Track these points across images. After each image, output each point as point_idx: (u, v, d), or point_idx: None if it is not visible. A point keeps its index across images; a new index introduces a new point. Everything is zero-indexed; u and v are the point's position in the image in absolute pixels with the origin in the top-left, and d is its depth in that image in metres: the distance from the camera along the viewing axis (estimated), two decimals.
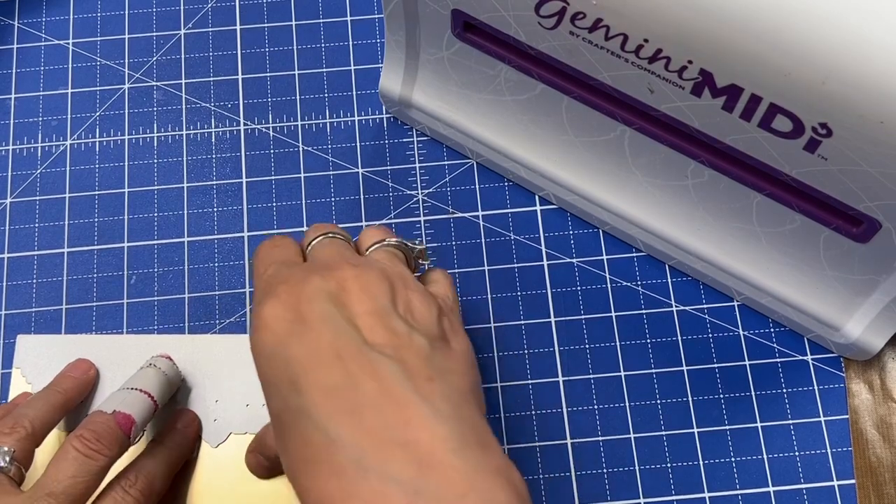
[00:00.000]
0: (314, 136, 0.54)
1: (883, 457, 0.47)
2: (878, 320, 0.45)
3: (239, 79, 0.55)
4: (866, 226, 0.40)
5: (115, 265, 0.51)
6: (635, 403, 0.48)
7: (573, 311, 0.50)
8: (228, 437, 0.47)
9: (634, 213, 0.49)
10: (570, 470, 0.47)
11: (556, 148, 0.49)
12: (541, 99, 0.46)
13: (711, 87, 0.37)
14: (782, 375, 0.49)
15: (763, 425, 0.48)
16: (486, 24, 0.42)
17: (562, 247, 0.51)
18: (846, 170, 0.37)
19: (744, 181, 0.42)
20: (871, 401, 0.48)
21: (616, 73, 0.39)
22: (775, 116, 0.36)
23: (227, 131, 0.54)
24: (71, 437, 0.41)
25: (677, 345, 0.49)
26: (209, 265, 0.51)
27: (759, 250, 0.46)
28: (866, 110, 0.33)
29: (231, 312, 0.50)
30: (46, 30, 0.56)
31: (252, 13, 0.56)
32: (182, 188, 0.53)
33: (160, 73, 0.55)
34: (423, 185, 0.53)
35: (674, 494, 0.47)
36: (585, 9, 0.37)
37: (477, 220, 0.52)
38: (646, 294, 0.50)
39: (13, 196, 0.52)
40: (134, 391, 0.44)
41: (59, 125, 0.54)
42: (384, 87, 0.51)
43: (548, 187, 0.51)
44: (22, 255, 0.51)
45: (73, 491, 0.39)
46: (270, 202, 0.52)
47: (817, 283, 0.46)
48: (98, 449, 0.40)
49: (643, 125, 0.43)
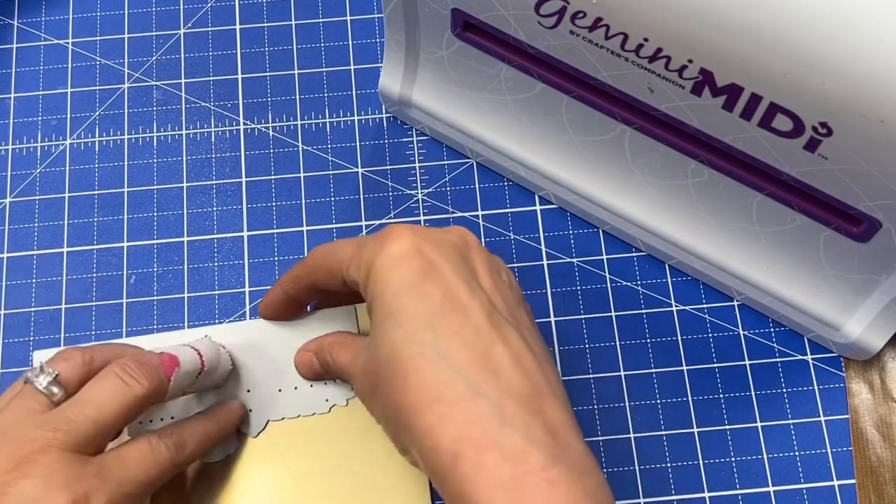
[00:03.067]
0: (314, 135, 0.54)
1: (883, 457, 0.47)
2: (878, 320, 0.45)
3: (239, 78, 0.55)
4: (866, 225, 0.40)
5: (114, 265, 0.51)
6: (635, 403, 0.48)
7: (573, 311, 0.50)
8: (266, 424, 0.47)
9: (634, 213, 0.49)
10: None
11: (556, 148, 0.49)
12: (540, 98, 0.46)
13: (711, 87, 0.37)
14: (782, 375, 0.49)
15: (763, 425, 0.48)
16: (485, 24, 0.42)
17: (562, 247, 0.51)
18: (846, 169, 0.37)
19: (744, 181, 0.42)
20: (872, 400, 0.48)
21: (616, 72, 0.39)
22: (775, 116, 0.36)
23: (227, 131, 0.54)
24: (113, 363, 0.40)
25: (677, 345, 0.49)
26: (209, 265, 0.51)
27: (759, 250, 0.46)
28: (866, 110, 0.33)
29: (231, 312, 0.50)
30: (46, 29, 0.56)
31: (252, 13, 0.56)
32: (182, 188, 0.53)
33: (160, 73, 0.55)
34: (423, 184, 0.53)
35: (674, 494, 0.47)
36: (585, 8, 0.37)
37: (477, 220, 0.52)
38: (646, 294, 0.50)
39: (13, 196, 0.52)
40: (185, 346, 0.44)
41: (59, 125, 0.54)
42: (384, 87, 0.51)
43: (548, 187, 0.51)
44: (21, 255, 0.51)
45: (103, 410, 0.38)
46: (270, 202, 0.52)
47: (817, 282, 0.46)
48: (135, 376, 0.39)
49: (643, 125, 0.42)
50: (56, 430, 0.37)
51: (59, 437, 0.37)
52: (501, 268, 0.40)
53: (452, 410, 0.34)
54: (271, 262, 0.51)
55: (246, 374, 0.47)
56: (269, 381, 0.47)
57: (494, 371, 0.35)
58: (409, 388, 0.35)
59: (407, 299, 0.36)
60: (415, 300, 0.36)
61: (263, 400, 0.47)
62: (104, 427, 0.38)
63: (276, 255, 0.51)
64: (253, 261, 0.51)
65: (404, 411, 0.35)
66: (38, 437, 0.37)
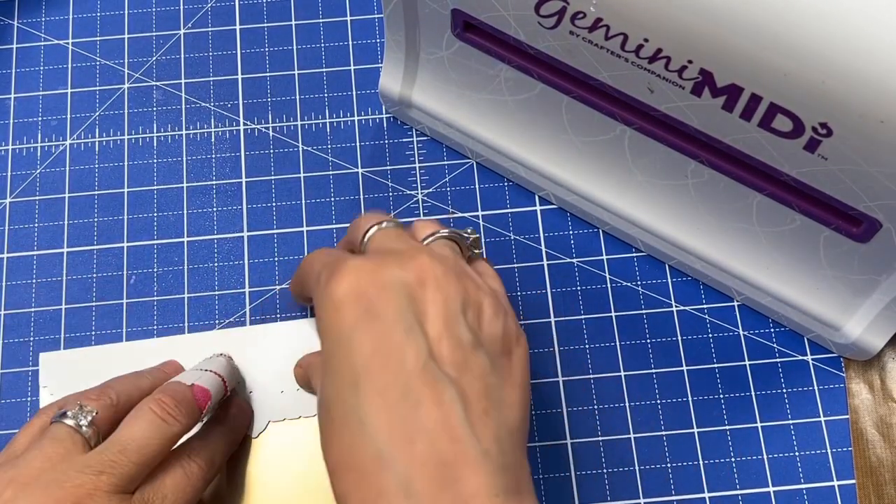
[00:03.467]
0: (314, 136, 0.54)
1: (883, 457, 0.47)
2: (878, 320, 0.45)
3: (239, 79, 0.55)
4: (866, 226, 0.40)
5: (114, 265, 0.51)
6: (635, 403, 0.48)
7: (573, 311, 0.50)
8: (267, 425, 0.47)
9: (634, 213, 0.49)
10: (570, 470, 0.47)
11: (556, 148, 0.49)
12: (540, 99, 0.46)
13: (711, 87, 0.37)
14: (782, 375, 0.49)
15: (763, 425, 0.48)
16: (485, 24, 0.42)
17: (562, 247, 0.51)
18: (846, 169, 0.37)
19: (744, 181, 0.42)
20: (872, 401, 0.48)
21: (616, 72, 0.39)
22: (775, 116, 0.36)
23: (227, 131, 0.54)
24: (148, 399, 0.40)
25: (677, 345, 0.49)
26: (209, 265, 0.51)
27: (759, 250, 0.46)
28: (866, 110, 0.33)
29: (231, 312, 0.50)
30: (46, 30, 0.56)
31: (252, 13, 0.56)
32: (182, 188, 0.53)
33: (160, 73, 0.55)
34: (423, 184, 0.53)
35: (674, 494, 0.47)
36: (585, 8, 0.37)
37: (477, 220, 0.52)
38: (646, 294, 0.50)
39: (13, 196, 0.52)
40: (209, 372, 0.43)
41: (59, 125, 0.54)
42: (384, 87, 0.51)
43: (548, 187, 0.51)
44: (21, 255, 0.51)
45: (145, 451, 0.38)
46: (270, 202, 0.52)
47: (817, 283, 0.46)
48: (174, 414, 0.39)
49: (643, 125, 0.42)
50: (101, 474, 0.37)
51: (104, 479, 0.37)
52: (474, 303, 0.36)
53: (362, 481, 0.32)
54: (271, 262, 0.51)
55: (249, 376, 0.47)
56: (272, 382, 0.47)
57: (410, 439, 0.32)
58: (331, 449, 0.34)
59: (338, 352, 0.34)
60: (345, 354, 0.34)
61: (265, 401, 0.47)
62: (145, 467, 0.38)
63: (276, 256, 0.51)
64: (253, 261, 0.51)
65: (328, 468, 0.34)
66: (84, 482, 0.36)
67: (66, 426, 0.39)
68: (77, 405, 0.39)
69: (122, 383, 0.42)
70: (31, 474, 0.37)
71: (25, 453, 0.38)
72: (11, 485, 0.36)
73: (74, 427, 0.39)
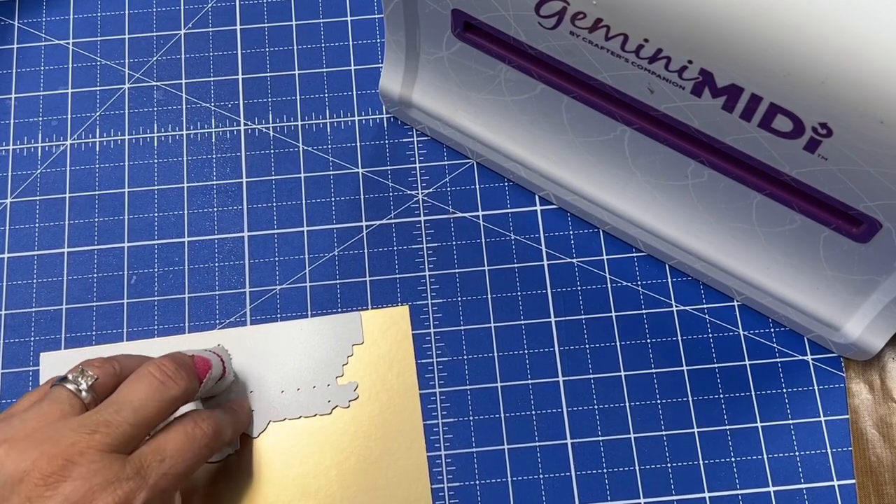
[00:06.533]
0: (314, 136, 0.54)
1: (883, 457, 0.47)
2: (878, 320, 0.45)
3: (239, 79, 0.55)
4: (866, 226, 0.40)
5: (115, 265, 0.51)
6: (635, 403, 0.48)
7: (573, 311, 0.50)
8: (268, 425, 0.47)
9: (634, 213, 0.49)
10: (570, 470, 0.47)
11: (556, 148, 0.49)
12: (541, 99, 0.46)
13: (711, 87, 0.37)
14: (782, 375, 0.49)
15: (763, 425, 0.48)
16: (486, 24, 0.42)
17: (562, 247, 0.51)
18: (846, 170, 0.37)
19: (744, 181, 0.42)
20: (872, 401, 0.48)
21: (616, 73, 0.39)
22: (775, 116, 0.36)
23: (227, 131, 0.54)
24: (148, 363, 0.40)
25: (677, 345, 0.49)
26: (209, 265, 0.51)
27: (759, 250, 0.47)
28: (866, 110, 0.33)
29: (231, 313, 0.50)
30: (46, 30, 0.56)
31: (252, 13, 0.56)
32: (182, 188, 0.53)
33: (160, 73, 0.55)
34: (423, 185, 0.53)
35: (674, 494, 0.47)
36: (585, 9, 0.37)
37: (477, 220, 0.52)
38: (646, 294, 0.50)
39: (13, 196, 0.52)
40: (208, 352, 0.44)
41: (60, 125, 0.54)
42: (384, 87, 0.51)
43: (548, 187, 0.51)
44: (22, 255, 0.51)
45: (141, 412, 0.38)
46: (270, 202, 0.52)
47: (817, 283, 0.46)
48: (174, 377, 0.39)
49: (643, 125, 0.43)
50: (94, 432, 0.37)
51: (97, 438, 0.37)
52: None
53: None
54: (272, 262, 0.51)
55: (249, 376, 0.48)
56: (272, 382, 0.47)
57: None
58: None
59: None
60: None
61: (266, 401, 0.47)
62: (142, 428, 0.38)
63: (276, 256, 0.51)
64: (253, 261, 0.51)
65: None
66: (78, 440, 0.37)
67: (65, 389, 0.39)
68: (79, 369, 0.40)
69: (128, 357, 0.42)
70: (26, 432, 0.37)
71: (23, 413, 0.38)
72: (6, 442, 0.37)
73: (74, 391, 0.39)
